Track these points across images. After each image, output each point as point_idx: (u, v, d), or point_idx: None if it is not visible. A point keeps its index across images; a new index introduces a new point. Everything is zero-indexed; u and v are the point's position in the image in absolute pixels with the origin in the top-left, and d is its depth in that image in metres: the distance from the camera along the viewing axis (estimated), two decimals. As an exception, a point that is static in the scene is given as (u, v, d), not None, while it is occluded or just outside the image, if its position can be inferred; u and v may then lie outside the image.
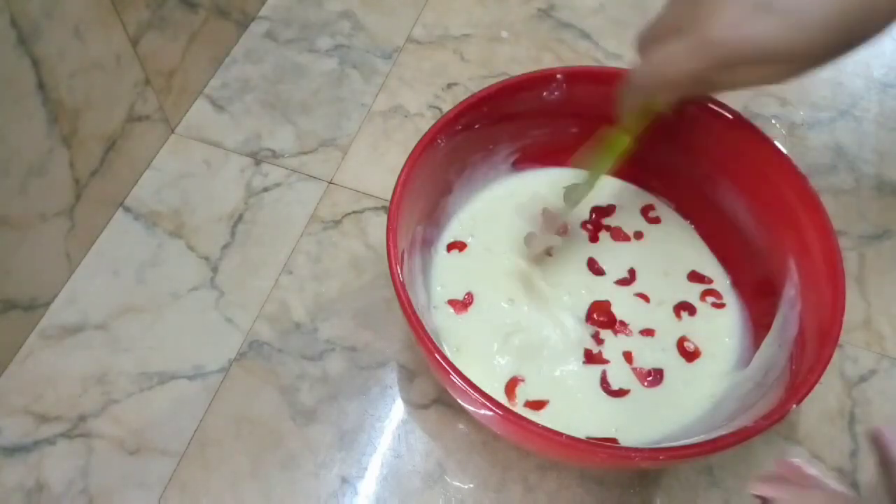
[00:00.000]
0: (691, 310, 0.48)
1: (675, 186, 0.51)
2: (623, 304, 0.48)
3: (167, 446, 0.46)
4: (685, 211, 0.51)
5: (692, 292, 0.49)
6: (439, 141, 0.43)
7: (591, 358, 0.46)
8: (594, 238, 0.51)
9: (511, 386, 0.44)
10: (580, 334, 0.47)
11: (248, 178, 0.58)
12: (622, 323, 0.47)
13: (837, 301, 0.38)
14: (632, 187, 0.52)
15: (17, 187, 0.45)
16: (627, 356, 0.46)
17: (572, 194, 0.47)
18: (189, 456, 0.46)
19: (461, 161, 0.47)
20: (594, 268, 0.50)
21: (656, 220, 0.52)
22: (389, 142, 0.60)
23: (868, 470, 0.46)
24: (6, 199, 0.45)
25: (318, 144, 0.60)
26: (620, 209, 0.52)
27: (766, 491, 0.34)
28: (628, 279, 0.49)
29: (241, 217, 0.56)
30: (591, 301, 0.48)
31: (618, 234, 0.51)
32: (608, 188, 0.52)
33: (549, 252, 0.49)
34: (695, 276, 0.49)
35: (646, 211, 0.52)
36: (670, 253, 0.50)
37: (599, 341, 0.47)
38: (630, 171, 0.52)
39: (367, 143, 0.60)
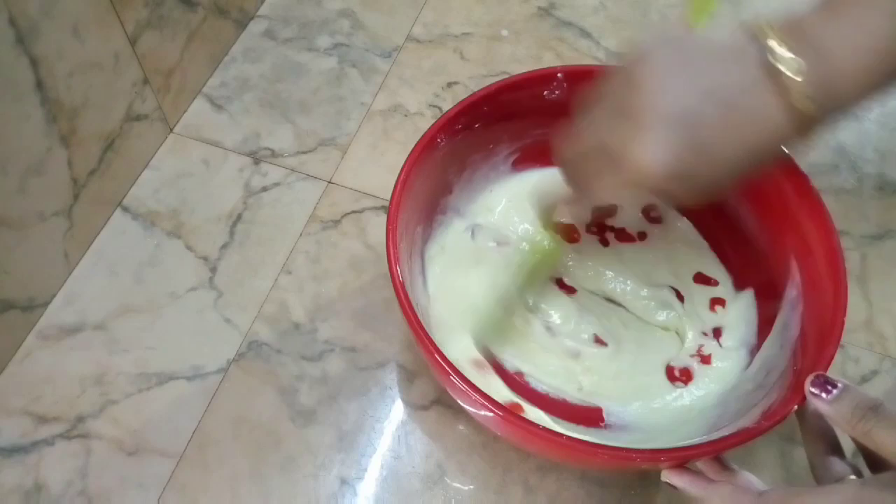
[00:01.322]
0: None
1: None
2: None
3: (166, 447, 0.46)
4: (686, 211, 0.51)
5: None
6: (439, 140, 0.43)
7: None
8: (604, 241, 0.50)
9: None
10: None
11: (246, 177, 0.58)
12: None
13: (839, 301, 0.37)
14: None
15: (16, 187, 0.45)
16: None
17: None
18: (188, 457, 0.46)
19: (461, 161, 0.47)
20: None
21: (658, 220, 0.51)
22: (389, 141, 0.60)
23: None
24: (4, 199, 0.44)
25: (318, 144, 0.59)
26: (621, 209, 0.51)
27: (675, 480, 0.35)
28: None
29: (239, 217, 0.56)
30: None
31: (622, 236, 0.51)
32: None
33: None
34: (700, 278, 0.49)
35: (647, 211, 0.52)
36: (674, 253, 0.50)
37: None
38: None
39: (366, 143, 0.60)
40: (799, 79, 0.30)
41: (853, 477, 0.33)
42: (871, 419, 0.30)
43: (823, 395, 0.32)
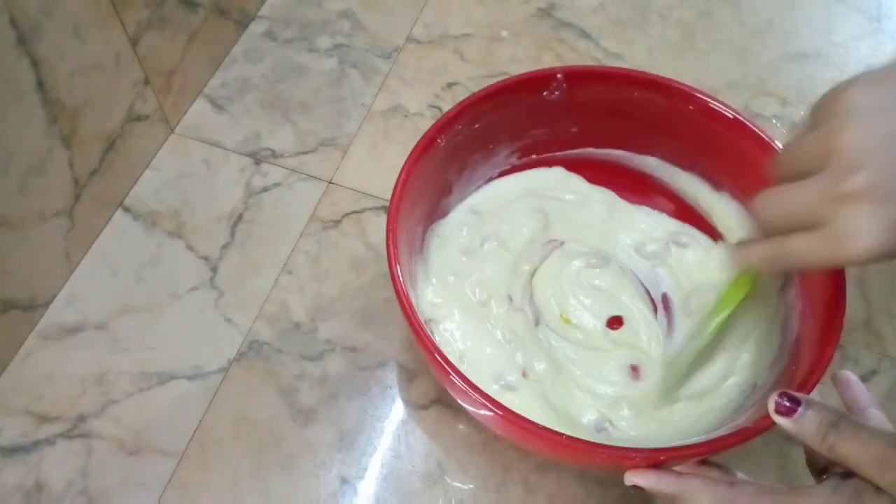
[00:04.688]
0: None
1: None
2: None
3: (167, 446, 0.46)
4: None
5: None
6: (439, 141, 0.43)
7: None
8: None
9: None
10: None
11: (247, 177, 0.58)
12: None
13: (838, 301, 0.37)
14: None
15: (17, 187, 0.45)
16: None
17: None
18: (189, 456, 0.46)
19: (461, 161, 0.47)
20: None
21: None
22: (389, 141, 0.60)
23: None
24: (5, 199, 0.45)
25: (318, 144, 0.60)
26: None
27: (639, 480, 0.35)
28: None
29: (240, 217, 0.56)
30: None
31: None
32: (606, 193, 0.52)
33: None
34: None
35: None
36: None
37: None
38: (629, 175, 0.52)
39: (366, 143, 0.60)
40: None
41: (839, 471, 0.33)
42: (832, 434, 0.30)
43: (788, 415, 0.32)
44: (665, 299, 0.48)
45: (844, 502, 0.30)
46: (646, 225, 0.50)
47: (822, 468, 0.35)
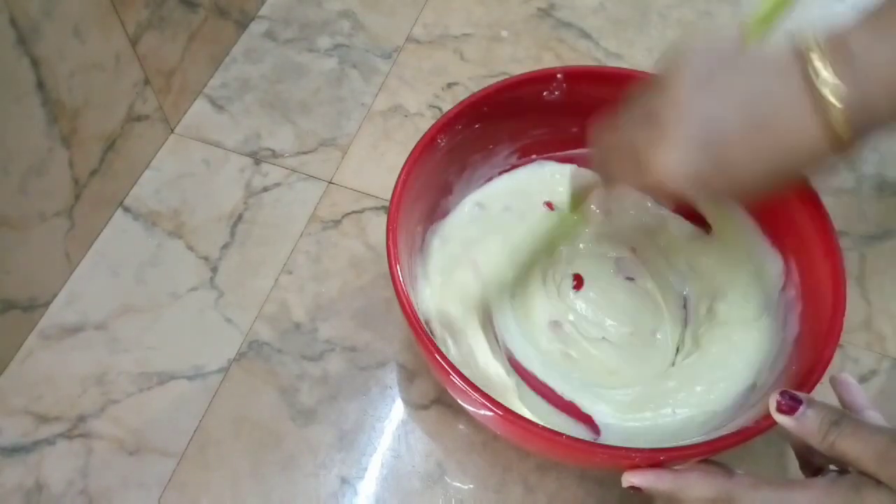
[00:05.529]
0: None
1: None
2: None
3: (167, 447, 0.46)
4: (685, 211, 0.51)
5: None
6: (439, 141, 0.43)
7: None
8: None
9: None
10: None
11: (247, 177, 0.58)
12: None
13: (838, 301, 0.37)
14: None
15: (17, 187, 0.45)
16: None
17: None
18: (188, 456, 0.46)
19: (461, 161, 0.47)
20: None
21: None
22: (389, 141, 0.60)
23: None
24: (5, 199, 0.45)
25: (318, 144, 0.60)
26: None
27: (638, 480, 0.35)
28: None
29: (240, 217, 0.56)
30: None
31: None
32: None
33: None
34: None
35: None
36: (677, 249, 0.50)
37: None
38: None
39: (366, 143, 0.60)
40: (840, 105, 0.29)
41: (832, 467, 0.33)
42: (833, 432, 0.31)
43: (789, 413, 0.32)
44: None
45: (842, 494, 0.30)
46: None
47: (815, 470, 0.35)
